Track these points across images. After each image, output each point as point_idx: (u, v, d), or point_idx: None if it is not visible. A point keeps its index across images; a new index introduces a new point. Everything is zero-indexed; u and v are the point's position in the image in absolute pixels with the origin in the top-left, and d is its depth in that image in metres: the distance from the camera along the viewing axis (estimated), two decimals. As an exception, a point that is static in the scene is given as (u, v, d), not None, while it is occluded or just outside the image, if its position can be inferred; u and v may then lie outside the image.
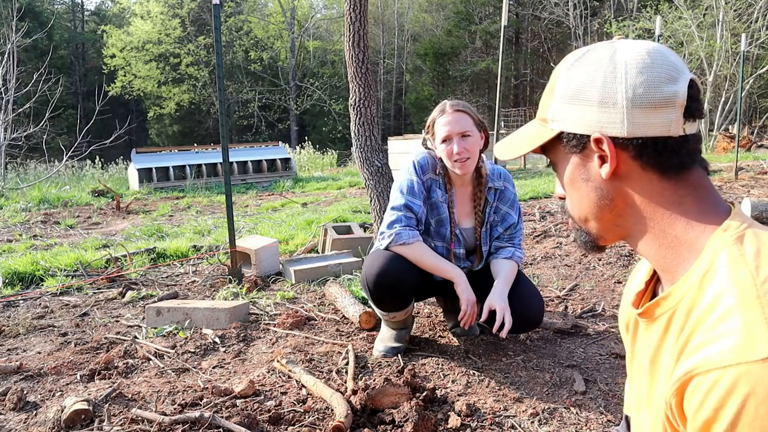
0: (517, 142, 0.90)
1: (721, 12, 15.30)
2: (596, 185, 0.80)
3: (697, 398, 0.63)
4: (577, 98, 0.78)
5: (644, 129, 0.74)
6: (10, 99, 10.57)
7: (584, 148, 0.79)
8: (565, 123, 0.80)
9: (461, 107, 2.21)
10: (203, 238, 5.11)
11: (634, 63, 0.75)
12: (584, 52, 0.81)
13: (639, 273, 0.95)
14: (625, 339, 0.96)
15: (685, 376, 0.65)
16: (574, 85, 0.79)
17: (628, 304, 0.92)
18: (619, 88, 0.75)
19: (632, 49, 0.77)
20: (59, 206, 8.36)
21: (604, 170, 0.78)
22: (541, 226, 4.85)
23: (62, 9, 33.86)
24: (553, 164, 0.87)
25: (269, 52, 29.61)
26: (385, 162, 3.80)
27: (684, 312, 0.72)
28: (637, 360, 0.89)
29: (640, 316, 0.82)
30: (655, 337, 0.79)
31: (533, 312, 2.19)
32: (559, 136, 0.82)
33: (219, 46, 3.41)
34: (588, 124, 0.77)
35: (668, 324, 0.76)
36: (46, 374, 2.26)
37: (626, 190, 0.78)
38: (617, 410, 1.87)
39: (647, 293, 0.88)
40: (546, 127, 0.84)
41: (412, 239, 2.16)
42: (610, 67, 0.76)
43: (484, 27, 29.20)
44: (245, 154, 12.24)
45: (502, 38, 5.46)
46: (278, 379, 2.14)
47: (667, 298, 0.76)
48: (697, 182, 0.77)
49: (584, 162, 0.81)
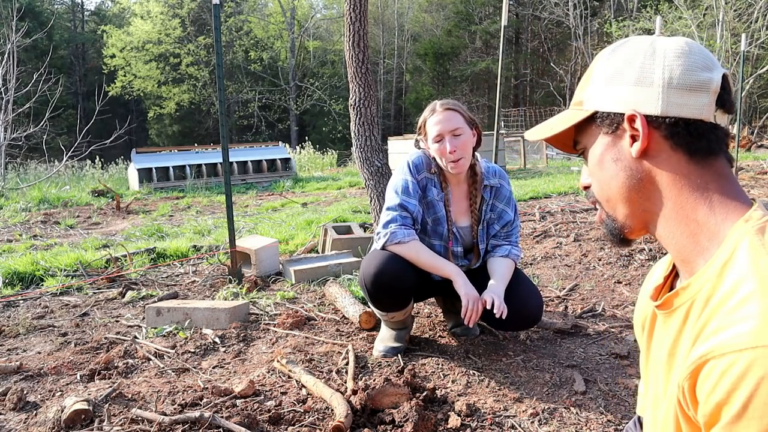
0: (548, 124, 0.91)
1: (721, 12, 15.29)
2: (626, 164, 0.81)
3: (710, 381, 0.63)
4: (614, 79, 0.81)
5: (678, 109, 0.76)
6: (10, 99, 10.57)
7: (617, 127, 0.81)
8: (599, 102, 0.83)
9: (451, 105, 2.21)
10: (203, 238, 5.11)
11: (672, 49, 0.78)
12: (625, 40, 0.84)
13: (656, 272, 0.96)
14: (640, 339, 0.96)
15: (700, 359, 0.65)
16: (612, 67, 0.82)
17: (646, 299, 0.92)
18: (657, 69, 0.77)
19: (671, 40, 0.80)
20: (59, 206, 8.36)
21: (635, 148, 0.79)
22: (541, 226, 4.85)
23: (62, 9, 33.83)
24: (582, 149, 0.89)
25: (269, 52, 29.59)
26: (385, 162, 3.80)
27: (703, 300, 0.72)
28: (654, 357, 0.88)
29: (658, 308, 0.83)
30: (674, 329, 0.79)
31: (532, 309, 2.19)
32: (592, 117, 0.84)
33: (219, 46, 3.41)
34: (623, 102, 0.80)
35: (687, 315, 0.76)
36: (46, 374, 2.26)
37: (655, 170, 0.79)
38: (617, 410, 1.87)
39: (665, 287, 0.89)
40: (580, 109, 0.86)
41: (407, 238, 2.16)
42: (649, 51, 0.79)
43: (484, 27, 29.20)
44: (245, 154, 12.24)
45: (502, 38, 5.46)
46: (278, 379, 2.14)
47: (686, 288, 0.76)
48: (722, 171, 0.78)
49: (615, 141, 0.82)
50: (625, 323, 2.69)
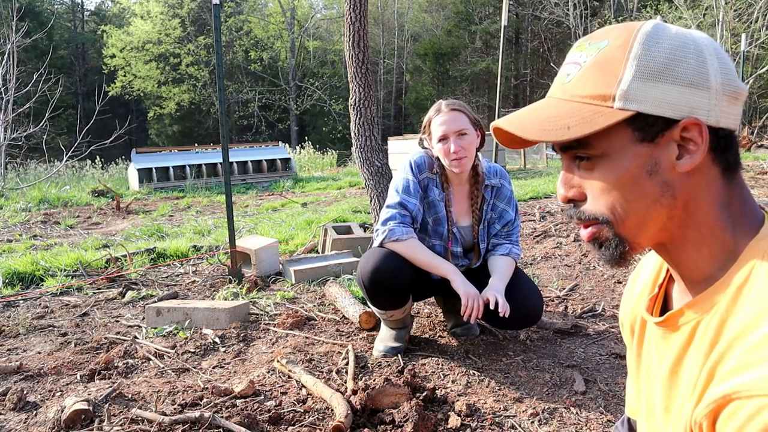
0: (561, 122, 0.70)
1: (721, 12, 15.28)
2: (663, 179, 0.68)
3: (735, 423, 0.59)
4: (665, 75, 0.66)
5: (726, 119, 0.67)
6: (10, 99, 10.57)
7: (661, 135, 0.67)
8: (644, 103, 0.66)
9: (457, 106, 2.21)
10: (203, 238, 5.11)
11: (712, 47, 0.68)
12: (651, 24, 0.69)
13: (643, 273, 0.89)
14: (628, 341, 0.91)
15: (723, 398, 0.60)
16: (660, 59, 0.66)
17: (638, 307, 0.86)
18: (711, 70, 0.66)
19: (704, 36, 0.69)
20: (59, 206, 8.36)
21: (686, 162, 0.67)
22: (541, 226, 4.85)
23: (62, 9, 33.84)
24: (596, 155, 0.71)
25: (269, 52, 29.60)
26: (385, 162, 3.80)
27: (715, 325, 0.66)
28: (646, 366, 0.84)
29: (659, 325, 0.76)
30: (676, 347, 0.73)
31: (532, 308, 2.19)
32: (627, 119, 0.67)
33: (219, 46, 3.41)
34: (677, 106, 0.66)
35: (692, 334, 0.71)
36: (46, 374, 2.26)
37: (692, 187, 0.69)
38: (617, 410, 1.87)
39: (659, 297, 0.82)
40: (607, 107, 0.68)
41: (405, 236, 2.16)
42: (697, 47, 0.67)
43: (484, 27, 29.19)
44: (245, 154, 12.24)
45: (502, 38, 5.46)
46: (278, 379, 2.14)
47: (692, 307, 0.70)
48: (742, 182, 0.72)
49: (653, 152, 0.68)
50: (625, 323, 2.69)
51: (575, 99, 0.70)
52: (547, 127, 0.70)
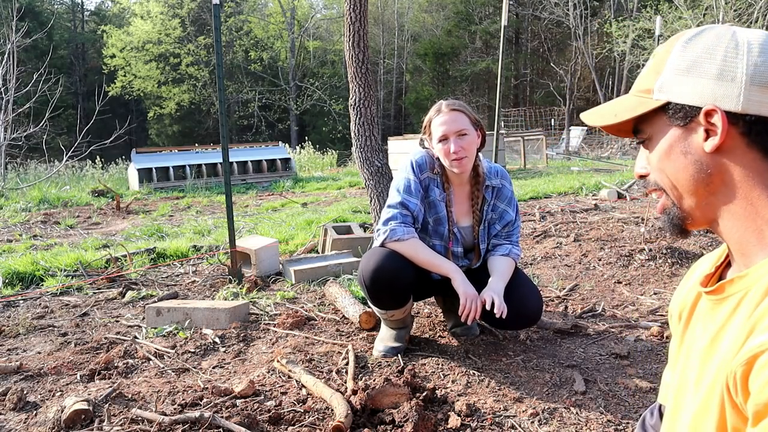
0: (612, 110, 0.88)
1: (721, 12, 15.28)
2: (696, 158, 0.80)
3: (766, 372, 0.63)
4: (693, 70, 0.79)
5: (758, 107, 0.75)
6: (10, 99, 10.57)
7: (691, 120, 0.79)
8: (675, 93, 0.80)
9: (457, 106, 2.21)
10: (203, 238, 5.11)
11: (756, 42, 0.76)
12: (701, 30, 0.81)
13: (702, 264, 0.96)
14: (675, 328, 0.96)
15: (759, 347, 0.65)
16: (690, 57, 0.79)
17: (693, 287, 0.92)
18: (740, 64, 0.75)
19: (753, 32, 0.78)
20: (59, 206, 8.36)
21: (710, 143, 0.77)
22: (541, 226, 4.85)
23: (62, 9, 33.83)
24: (645, 138, 0.86)
25: (269, 52, 29.60)
26: (385, 162, 3.80)
27: (762, 291, 0.72)
28: (689, 344, 0.89)
29: (709, 294, 0.83)
30: (722, 317, 0.79)
31: (531, 309, 2.19)
32: (663, 107, 0.82)
33: (219, 46, 3.41)
34: (701, 95, 0.77)
35: (738, 304, 0.76)
36: (46, 374, 2.26)
37: (726, 166, 0.78)
38: (617, 410, 1.87)
39: (715, 276, 0.89)
40: (649, 98, 0.83)
41: (406, 236, 2.16)
42: (732, 44, 0.77)
43: (484, 27, 29.21)
44: (245, 154, 12.24)
45: (502, 38, 5.46)
46: (278, 379, 2.14)
47: (743, 277, 0.76)
48: None
49: (686, 134, 0.80)
50: (625, 323, 2.69)
51: (634, 93, 0.87)
52: (603, 114, 0.90)
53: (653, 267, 3.56)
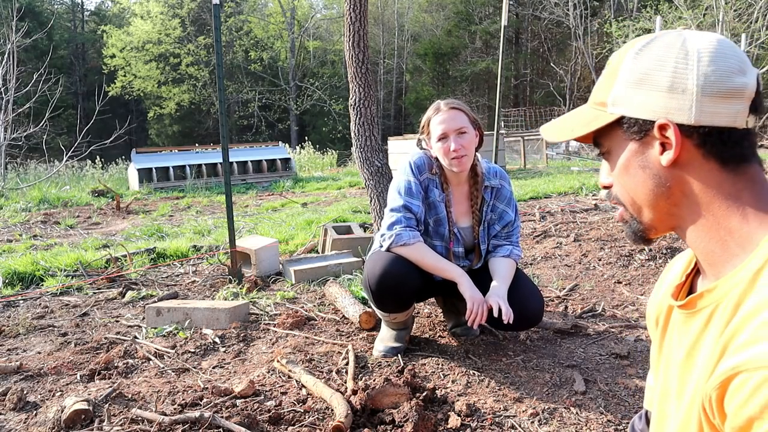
0: (569, 125, 0.87)
1: (721, 12, 15.27)
2: (654, 172, 0.79)
3: (742, 395, 0.62)
4: (644, 83, 0.77)
5: (711, 117, 0.73)
6: (10, 99, 10.57)
7: (645, 134, 0.78)
8: (628, 107, 0.79)
9: (456, 105, 2.21)
10: (203, 238, 5.11)
11: (706, 51, 0.74)
12: (651, 38, 0.79)
13: (675, 267, 0.94)
14: (653, 333, 0.95)
15: (732, 370, 0.64)
16: (641, 69, 0.78)
17: (665, 296, 0.91)
18: (690, 75, 0.74)
19: (704, 39, 0.76)
20: (59, 206, 8.36)
21: (666, 157, 0.76)
22: (541, 226, 4.85)
23: (62, 9, 33.83)
24: (605, 152, 0.85)
25: (269, 52, 29.59)
26: (385, 162, 3.80)
27: (732, 306, 0.71)
28: (667, 353, 0.88)
29: (680, 308, 0.81)
30: (695, 330, 0.78)
31: (533, 310, 2.19)
32: (618, 120, 0.80)
33: (219, 46, 3.41)
34: (653, 109, 0.76)
35: (710, 317, 0.75)
36: (46, 374, 2.26)
37: (685, 179, 0.77)
38: (617, 410, 1.87)
39: (686, 285, 0.88)
40: (604, 111, 0.82)
41: (412, 240, 2.16)
42: (681, 53, 0.75)
43: (484, 27, 29.20)
44: (245, 154, 12.24)
45: (502, 38, 5.46)
46: (278, 379, 2.14)
47: (712, 291, 0.75)
48: (756, 177, 0.76)
49: (643, 148, 0.79)
50: (625, 323, 2.69)
51: (591, 105, 0.85)
52: (560, 129, 0.89)
53: (653, 267, 3.56)
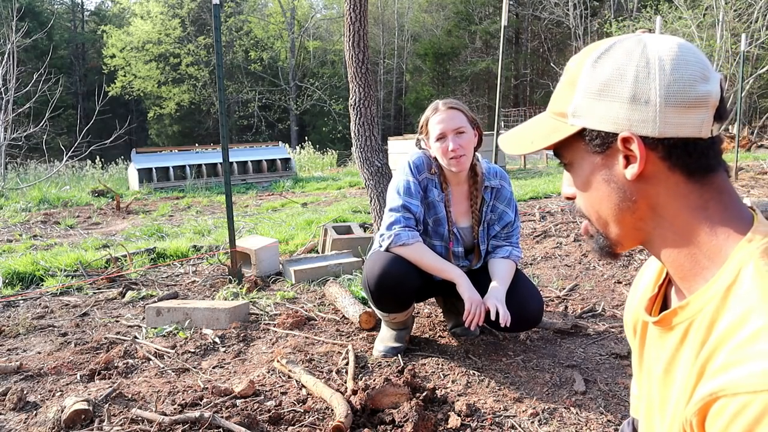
0: (528, 137, 0.82)
1: (721, 12, 15.28)
2: (619, 186, 0.75)
3: (722, 421, 0.61)
4: (605, 93, 0.73)
5: (676, 129, 0.70)
6: (10, 99, 10.57)
7: (608, 147, 0.74)
8: (589, 119, 0.75)
9: (454, 105, 2.21)
10: (203, 238, 5.11)
11: (668, 59, 0.70)
12: (610, 44, 0.75)
13: (646, 274, 0.92)
14: (631, 341, 0.93)
15: (710, 396, 0.62)
16: (601, 78, 0.73)
17: (639, 308, 0.89)
18: (653, 85, 0.70)
19: (664, 45, 0.72)
20: (59, 206, 8.36)
21: (631, 171, 0.73)
22: (541, 226, 4.85)
23: (62, 9, 33.84)
24: (567, 163, 0.81)
25: (269, 52, 29.61)
26: (385, 162, 3.80)
27: (706, 324, 0.69)
28: (647, 365, 0.86)
29: (655, 325, 0.79)
30: (671, 346, 0.76)
31: (532, 311, 2.19)
32: (580, 133, 0.76)
33: (219, 46, 3.41)
34: (615, 121, 0.72)
35: (685, 333, 0.73)
36: (46, 374, 2.26)
37: (651, 192, 0.74)
38: (617, 410, 1.87)
39: (659, 298, 0.85)
40: (564, 123, 0.77)
41: (411, 240, 2.16)
42: (642, 62, 0.71)
43: (484, 27, 29.21)
44: (245, 154, 12.24)
45: (502, 38, 5.46)
46: (278, 379, 2.14)
47: (685, 307, 0.73)
48: (722, 186, 0.74)
49: (607, 162, 0.75)
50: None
51: (550, 114, 0.81)
52: (520, 141, 0.84)
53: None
